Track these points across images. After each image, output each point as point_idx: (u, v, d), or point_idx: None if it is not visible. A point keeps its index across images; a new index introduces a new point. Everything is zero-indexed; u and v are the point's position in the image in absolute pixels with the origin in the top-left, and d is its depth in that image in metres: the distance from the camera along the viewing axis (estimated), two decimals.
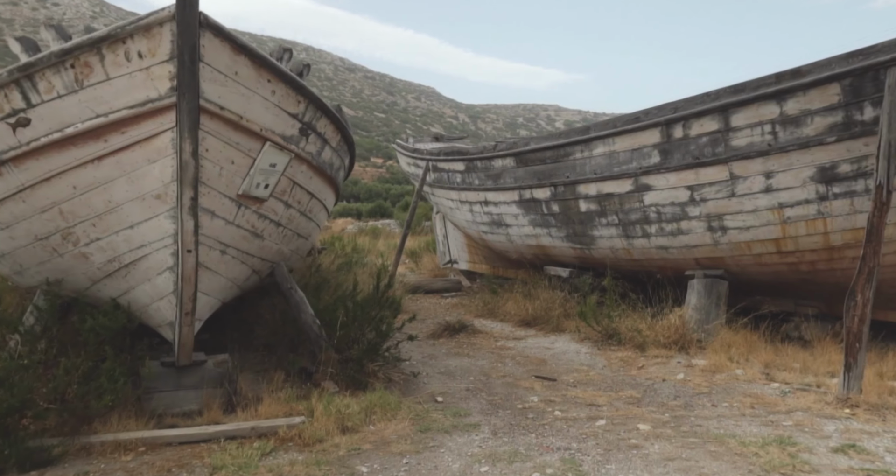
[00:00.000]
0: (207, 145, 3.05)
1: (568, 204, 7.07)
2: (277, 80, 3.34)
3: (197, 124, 2.89)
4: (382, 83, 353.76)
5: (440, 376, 5.03)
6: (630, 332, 5.96)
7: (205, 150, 3.03)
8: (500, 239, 8.68)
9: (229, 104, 3.10)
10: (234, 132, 3.17)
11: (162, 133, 2.95)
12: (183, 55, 2.78)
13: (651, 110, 6.03)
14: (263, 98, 3.28)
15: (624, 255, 6.74)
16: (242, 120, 3.18)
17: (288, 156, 3.68)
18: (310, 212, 4.66)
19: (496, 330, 6.90)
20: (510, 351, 5.90)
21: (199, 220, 3.14)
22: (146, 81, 2.89)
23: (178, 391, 3.87)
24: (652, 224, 6.23)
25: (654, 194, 6.10)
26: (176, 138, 2.91)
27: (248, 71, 3.14)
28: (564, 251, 7.56)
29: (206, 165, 3.09)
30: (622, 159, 6.30)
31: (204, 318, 3.87)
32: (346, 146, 4.79)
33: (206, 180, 3.12)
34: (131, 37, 2.82)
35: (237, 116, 3.15)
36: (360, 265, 9.20)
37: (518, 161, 7.61)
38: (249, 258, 4.01)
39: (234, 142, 3.20)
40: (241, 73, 3.10)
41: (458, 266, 11.89)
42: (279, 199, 3.93)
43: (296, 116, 3.60)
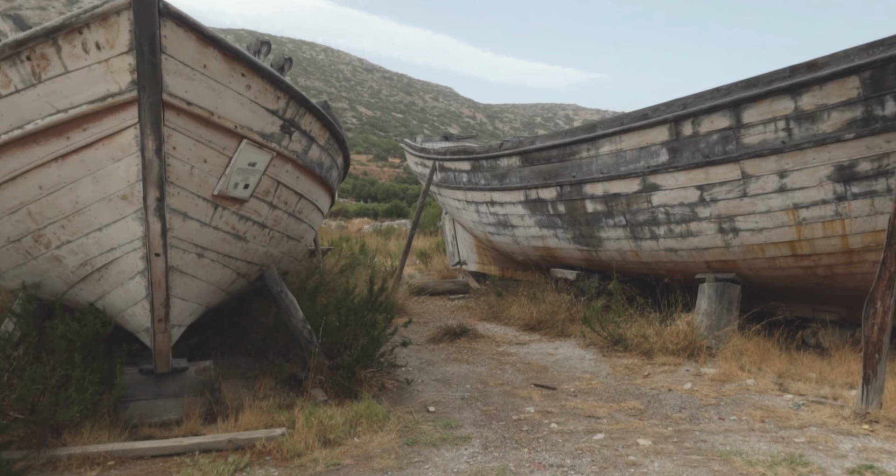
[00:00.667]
0: (175, 143, 2.89)
1: (574, 204, 6.84)
2: (253, 74, 3.16)
3: (160, 120, 2.73)
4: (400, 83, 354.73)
5: (436, 384, 4.84)
6: (637, 337, 5.72)
7: (172, 147, 2.87)
8: (507, 240, 8.46)
9: (198, 99, 2.94)
10: (206, 129, 3.01)
11: (125, 130, 2.79)
12: (142, 46, 2.61)
13: (659, 107, 5.78)
14: (238, 93, 3.11)
15: (632, 257, 6.49)
16: (214, 116, 3.01)
17: (269, 154, 3.51)
18: (299, 213, 4.50)
19: (499, 334, 6.69)
20: (511, 357, 5.69)
21: (168, 222, 2.98)
22: (105, 74, 2.73)
23: (158, 400, 3.73)
24: (660, 225, 5.98)
25: (663, 194, 5.85)
26: (139, 135, 2.75)
27: (219, 64, 2.97)
28: (571, 253, 7.32)
29: (175, 164, 2.93)
30: (629, 158, 6.06)
31: (185, 323, 3.72)
32: (337, 145, 4.62)
33: (175, 180, 2.96)
34: (88, 26, 2.66)
35: (207, 112, 2.99)
36: (365, 266, 9.05)
37: (524, 160, 7.39)
38: (233, 261, 3.85)
39: (206, 139, 3.03)
40: (210, 66, 2.94)
41: (467, 267, 11.70)
42: (262, 199, 3.76)
43: (276, 113, 3.43)
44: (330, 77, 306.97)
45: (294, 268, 5.80)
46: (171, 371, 3.69)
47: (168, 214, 2.96)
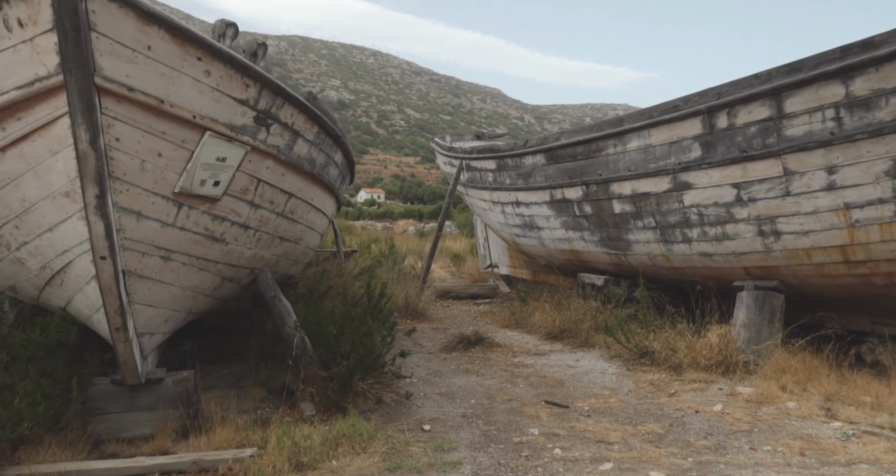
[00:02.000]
0: (117, 133, 2.62)
1: (601, 205, 6.36)
2: (211, 58, 2.87)
3: (93, 107, 2.46)
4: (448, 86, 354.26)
5: (438, 398, 4.48)
6: (665, 350, 5.21)
7: (114, 139, 2.60)
8: (533, 243, 8.03)
9: (143, 85, 2.65)
10: (156, 119, 2.73)
11: (59, 119, 2.54)
12: (63, 22, 2.35)
13: (691, 97, 5.26)
14: (194, 80, 2.83)
15: (663, 262, 5.97)
16: (165, 105, 2.73)
17: (241, 149, 3.23)
18: (291, 213, 4.22)
19: (518, 343, 6.27)
20: (526, 369, 5.28)
21: (118, 222, 2.72)
22: (32, 56, 2.47)
23: (131, 413, 3.50)
24: (693, 227, 5.45)
25: (695, 193, 5.32)
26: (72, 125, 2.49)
27: (168, 46, 2.69)
28: (599, 257, 6.84)
29: (120, 158, 2.66)
30: (659, 154, 5.55)
31: (160, 331, 3.49)
32: (331, 140, 4.32)
33: (123, 175, 2.70)
34: (7, 1, 2.41)
35: (156, 100, 2.70)
36: (388, 269, 8.75)
37: (548, 158, 6.95)
38: (212, 265, 3.60)
39: (158, 130, 2.76)
40: (156, 48, 2.65)
41: (498, 270, 11.29)
42: (240, 198, 3.49)
43: (245, 103, 3.14)
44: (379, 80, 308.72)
45: (296, 271, 5.54)
46: (145, 382, 3.46)
47: (116, 214, 2.70)
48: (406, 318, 7.61)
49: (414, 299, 7.77)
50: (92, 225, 2.57)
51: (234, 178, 3.30)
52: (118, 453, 3.25)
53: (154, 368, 3.64)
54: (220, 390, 4.49)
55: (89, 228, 2.58)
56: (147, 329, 3.28)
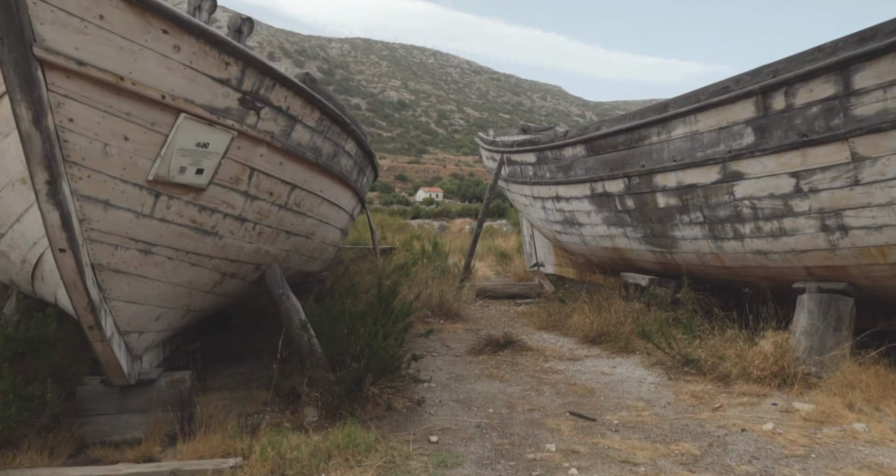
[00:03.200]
0: (71, 113, 2.41)
1: (644, 198, 5.85)
2: (180, 32, 2.62)
3: (34, 82, 2.24)
4: (508, 84, 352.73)
5: (454, 405, 4.15)
6: (712, 358, 4.69)
7: (67, 119, 2.39)
8: (574, 240, 7.56)
9: (97, 59, 2.40)
10: (118, 98, 2.51)
11: (3, 96, 2.36)
12: None
13: (743, 76, 4.71)
14: (161, 55, 2.59)
15: (712, 260, 5.41)
16: (126, 82, 2.49)
17: (227, 134, 3.00)
18: (297, 206, 3.99)
19: (552, 347, 5.85)
20: (556, 375, 4.87)
21: (79, 212, 2.52)
22: None
23: (121, 415, 3.34)
24: (745, 222, 4.89)
25: (748, 184, 4.77)
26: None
27: (124, 16, 2.44)
28: (643, 255, 6.32)
29: (77, 141, 2.45)
30: (707, 141, 5.02)
31: (151, 329, 3.31)
32: (339, 127, 4.05)
33: (82, 160, 2.49)
34: None
35: (115, 77, 2.46)
36: (425, 267, 8.46)
37: (589, 148, 6.49)
38: (205, 260, 3.39)
39: (122, 111, 2.54)
40: (110, 17, 2.40)
41: (544, 269, 10.83)
42: (232, 188, 3.27)
43: (227, 83, 2.90)
44: (439, 80, 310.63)
45: (315, 267, 5.32)
46: (137, 383, 3.29)
47: (77, 202, 2.51)
48: (440, 317, 7.31)
49: (449, 299, 7.45)
50: (46, 214, 2.38)
51: (221, 166, 3.08)
52: (101, 459, 3.09)
53: (151, 368, 3.48)
54: (228, 391, 4.32)
55: (43, 218, 2.39)
56: (133, 327, 3.10)
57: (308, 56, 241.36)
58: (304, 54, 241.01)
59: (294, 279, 5.07)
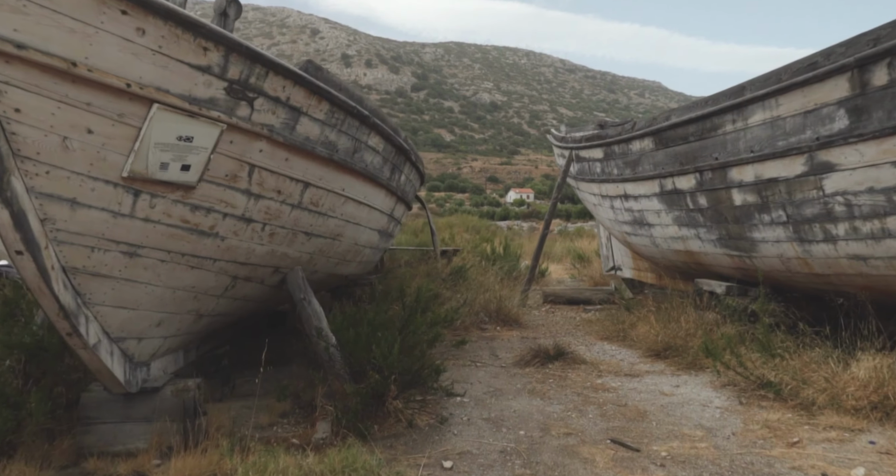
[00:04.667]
0: (17, 102, 2.22)
1: (718, 195, 5.17)
2: (143, 13, 2.39)
3: None
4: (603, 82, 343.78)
5: (483, 424, 3.76)
6: (794, 382, 4.00)
7: (12, 109, 2.21)
8: (644, 242, 6.91)
9: (42, 43, 2.20)
10: (73, 86, 2.32)
11: None
12: None
13: (835, 49, 3.99)
14: (123, 39, 2.38)
15: (799, 266, 4.67)
16: (80, 68, 2.29)
17: (214, 127, 2.79)
18: (314, 205, 3.76)
19: (610, 360, 5.29)
20: (606, 394, 4.35)
21: (40, 211, 2.37)
22: None
23: (125, 424, 3.22)
24: (838, 222, 4.15)
25: (841, 177, 4.04)
26: None
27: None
28: (719, 259, 5.61)
29: (27, 133, 2.28)
30: (790, 128, 4.32)
31: (154, 335, 3.18)
32: (356, 121, 3.77)
33: (37, 155, 2.32)
34: None
35: (65, 62, 2.26)
36: (484, 271, 8.08)
37: (657, 141, 5.87)
38: (207, 262, 3.23)
39: (80, 101, 2.35)
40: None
41: (621, 273, 10.13)
42: (229, 186, 3.07)
43: (207, 70, 2.68)
44: (531, 80, 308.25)
45: (350, 270, 5.08)
46: (141, 391, 3.17)
47: (36, 201, 2.37)
48: (497, 323, 6.91)
49: (508, 304, 7.04)
50: None
51: (212, 161, 2.88)
52: (95, 472, 2.97)
53: (164, 375, 3.35)
54: (253, 399, 4.15)
55: None
56: (128, 333, 2.97)
57: (403, 62, 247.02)
58: (399, 60, 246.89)
59: (327, 282, 4.88)
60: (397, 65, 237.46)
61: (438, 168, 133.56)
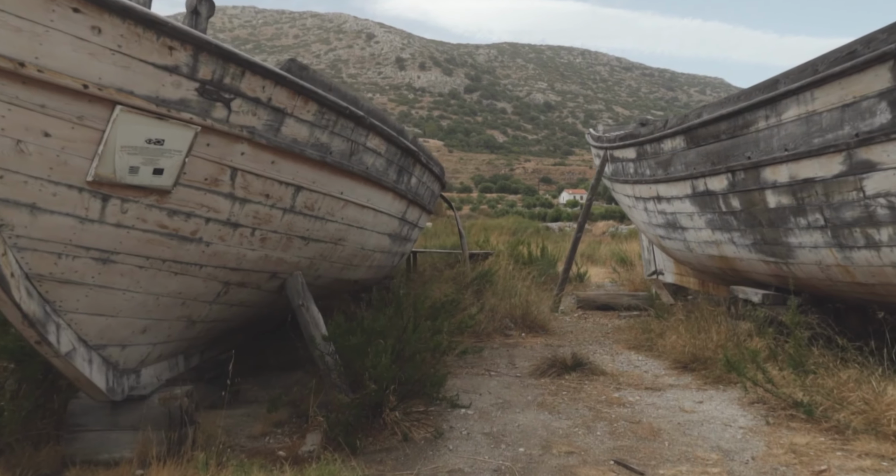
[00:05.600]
0: None
1: (751, 197, 4.82)
2: (97, 10, 2.30)
3: None
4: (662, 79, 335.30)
5: (482, 439, 3.58)
6: (829, 402, 3.65)
7: None
8: (678, 246, 6.55)
9: None
10: (23, 88, 2.24)
11: None
12: None
13: (876, 35, 3.62)
14: (76, 38, 2.30)
15: (840, 274, 4.27)
16: (28, 69, 2.21)
17: (188, 129, 2.72)
18: (310, 209, 3.67)
19: (632, 372, 5.00)
20: (621, 409, 4.08)
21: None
22: None
23: (112, 432, 3.19)
24: (881, 226, 3.76)
25: (883, 177, 3.66)
26: None
27: None
28: (754, 265, 5.23)
29: None
30: (826, 124, 3.95)
31: (140, 342, 3.15)
32: (351, 122, 3.66)
33: None
34: None
35: (12, 63, 2.17)
36: (511, 276, 7.86)
37: (688, 140, 5.53)
38: (193, 268, 3.17)
39: (33, 103, 2.28)
40: None
41: (663, 278, 9.70)
42: (210, 190, 3.00)
43: (175, 71, 2.61)
44: (586, 79, 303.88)
45: (360, 275, 4.98)
46: (129, 399, 3.15)
47: None
48: (522, 330, 6.70)
49: (534, 310, 6.81)
50: None
51: (187, 165, 2.82)
52: None
53: (157, 382, 3.32)
54: (256, 406, 4.11)
55: None
56: (109, 340, 2.94)
57: (456, 64, 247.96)
58: (453, 62, 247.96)
59: (335, 287, 4.79)
60: (451, 67, 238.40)
61: (491, 169, 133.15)
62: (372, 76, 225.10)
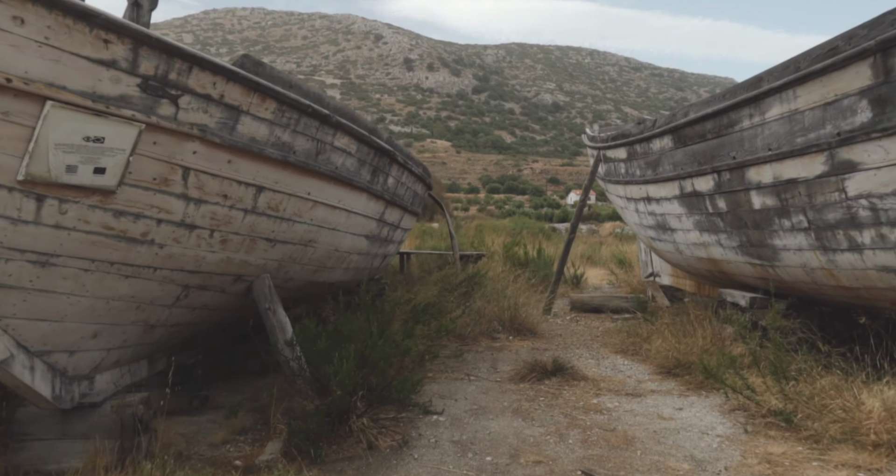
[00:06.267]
0: None
1: (736, 198, 4.70)
2: (19, 0, 2.18)
3: None
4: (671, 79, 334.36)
5: (449, 447, 3.49)
6: (809, 410, 3.53)
7: None
8: (668, 248, 6.43)
9: None
10: None
11: None
12: None
13: (857, 31, 3.50)
14: None
15: (825, 278, 4.15)
16: None
17: (131, 127, 2.62)
18: (274, 210, 3.59)
19: (616, 376, 4.89)
20: (597, 416, 3.98)
21: None
22: None
23: (62, 441, 3.11)
24: (864, 228, 3.64)
25: (864, 178, 3.54)
26: None
27: None
28: (741, 268, 5.11)
29: None
30: (809, 123, 3.84)
31: (92, 347, 3.06)
32: (315, 121, 3.57)
33: None
34: None
35: None
36: (501, 278, 7.76)
37: (676, 139, 5.42)
38: (146, 271, 3.08)
39: None
40: None
41: (660, 280, 9.58)
42: (161, 191, 2.89)
43: (113, 65, 2.50)
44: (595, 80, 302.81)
45: (336, 277, 4.89)
46: (79, 406, 3.07)
47: None
48: (510, 333, 6.60)
49: (522, 312, 6.71)
50: None
51: (133, 164, 2.72)
52: None
53: (110, 388, 3.24)
54: (220, 413, 4.03)
55: None
56: (53, 346, 2.85)
57: (464, 64, 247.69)
58: (461, 63, 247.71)
59: (310, 290, 4.71)
60: (459, 67, 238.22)
61: (499, 170, 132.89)
62: (380, 77, 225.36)
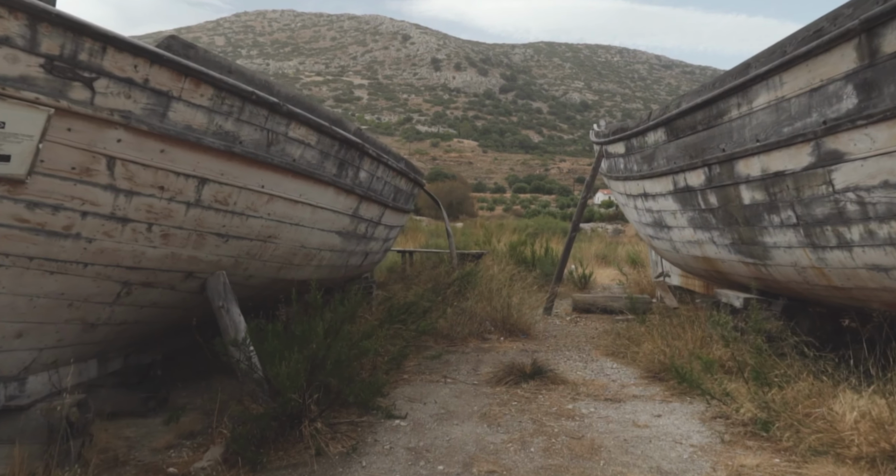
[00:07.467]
0: None
1: (727, 193, 4.44)
2: None
3: None
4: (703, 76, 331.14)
5: (403, 455, 3.33)
6: (791, 419, 3.28)
7: None
8: (666, 246, 6.16)
9: None
10: None
11: None
12: None
13: (842, 10, 3.24)
14: None
15: (815, 277, 3.87)
16: None
17: (37, 111, 2.49)
18: (223, 204, 3.46)
19: (599, 380, 4.66)
20: (568, 422, 3.77)
21: None
22: None
23: None
24: (851, 224, 3.37)
25: (851, 169, 3.27)
26: None
27: None
28: (735, 267, 4.83)
29: None
30: (795, 111, 3.57)
31: (18, 347, 2.94)
32: (264, 109, 3.42)
33: None
34: None
35: None
36: (494, 277, 7.55)
37: (668, 132, 5.17)
38: (75, 267, 2.94)
39: None
40: None
41: (669, 280, 9.26)
42: (82, 181, 2.74)
43: (7, 42, 2.34)
44: (624, 78, 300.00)
45: (306, 275, 4.74)
46: (4, 409, 2.98)
47: None
48: (502, 333, 6.40)
49: (515, 313, 6.50)
50: None
51: (44, 151, 2.59)
52: None
53: (44, 390, 3.13)
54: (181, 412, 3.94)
55: None
56: None
57: (491, 64, 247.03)
58: (489, 62, 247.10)
59: (277, 288, 4.57)
60: (486, 67, 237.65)
61: (525, 170, 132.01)
62: (407, 77, 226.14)
